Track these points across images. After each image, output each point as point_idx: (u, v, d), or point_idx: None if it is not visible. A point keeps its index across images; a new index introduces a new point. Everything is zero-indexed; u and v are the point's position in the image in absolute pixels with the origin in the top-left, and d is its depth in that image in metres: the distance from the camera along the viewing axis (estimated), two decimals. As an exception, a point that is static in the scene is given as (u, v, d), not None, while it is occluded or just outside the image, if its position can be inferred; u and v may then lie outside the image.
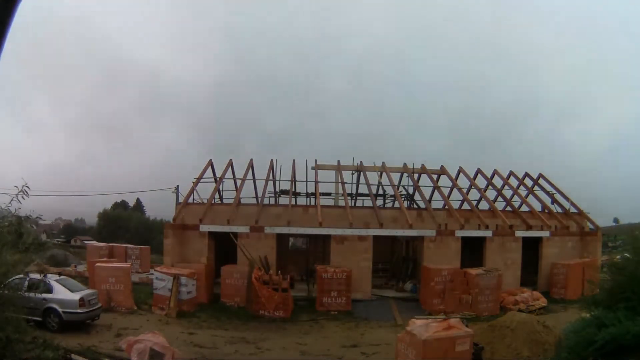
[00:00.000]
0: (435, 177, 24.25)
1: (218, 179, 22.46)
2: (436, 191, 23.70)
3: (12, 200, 7.24)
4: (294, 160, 23.68)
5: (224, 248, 19.92)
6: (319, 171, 23.38)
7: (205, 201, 21.17)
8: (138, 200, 64.96)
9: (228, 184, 23.11)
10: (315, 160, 23.65)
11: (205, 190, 21.96)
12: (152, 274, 18.44)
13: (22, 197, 7.26)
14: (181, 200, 21.85)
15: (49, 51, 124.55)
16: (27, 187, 7.30)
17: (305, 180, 23.58)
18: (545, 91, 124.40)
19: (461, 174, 24.61)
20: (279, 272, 17.60)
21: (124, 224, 54.16)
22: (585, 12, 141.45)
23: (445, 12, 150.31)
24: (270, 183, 23.17)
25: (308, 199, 24.18)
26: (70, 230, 62.97)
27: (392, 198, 24.67)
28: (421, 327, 8.97)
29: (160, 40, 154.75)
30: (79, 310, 12.66)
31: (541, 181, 25.36)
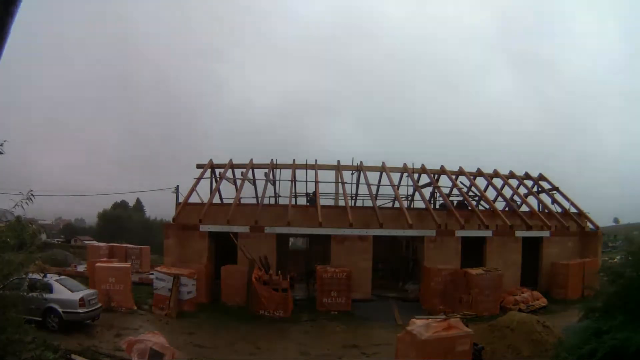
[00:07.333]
0: (435, 177, 24.29)
1: (218, 179, 22.50)
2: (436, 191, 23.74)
3: (15, 205, 7.26)
4: (294, 160, 23.71)
5: (224, 248, 19.92)
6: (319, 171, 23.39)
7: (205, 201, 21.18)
8: (138, 200, 65.08)
9: (228, 184, 23.21)
10: (316, 160, 23.68)
11: (205, 190, 22.07)
12: (152, 274, 18.43)
13: (27, 203, 7.30)
14: (181, 200, 21.86)
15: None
16: (32, 194, 7.32)
17: (305, 180, 23.62)
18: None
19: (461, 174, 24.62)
20: (279, 272, 17.61)
21: (124, 224, 54.17)
22: None
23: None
24: (270, 183, 23.21)
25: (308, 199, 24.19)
26: (70, 230, 62.94)
27: (392, 197, 24.67)
28: (421, 327, 8.97)
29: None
30: (79, 310, 12.66)
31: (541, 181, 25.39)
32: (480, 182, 24.91)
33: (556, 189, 24.57)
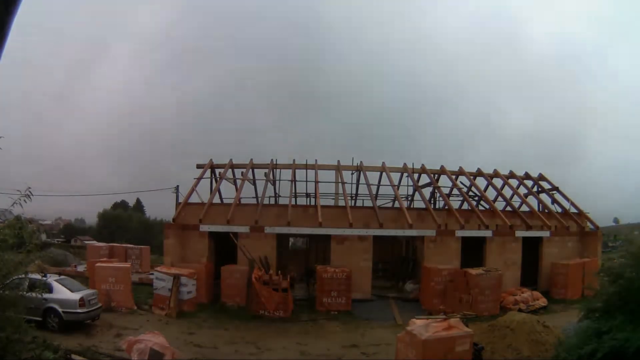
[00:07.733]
0: (435, 177, 24.29)
1: (218, 179, 22.50)
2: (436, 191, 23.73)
3: (14, 203, 7.26)
4: (294, 160, 23.71)
5: (224, 248, 19.92)
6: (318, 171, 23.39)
7: (205, 201, 21.18)
8: (138, 200, 65.09)
9: (228, 184, 23.21)
10: (316, 160, 23.69)
11: (205, 190, 22.07)
12: (152, 274, 18.43)
13: (25, 200, 7.29)
14: (181, 200, 21.86)
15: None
16: (30, 191, 7.32)
17: (305, 180, 23.62)
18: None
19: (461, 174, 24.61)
20: (279, 272, 17.60)
21: (124, 224, 54.15)
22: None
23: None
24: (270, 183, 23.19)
25: (308, 199, 24.19)
26: (70, 230, 62.88)
27: (392, 197, 24.66)
28: (421, 327, 8.97)
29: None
30: (79, 310, 12.67)
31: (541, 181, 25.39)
32: (480, 182, 24.95)
33: (556, 188, 24.57)
